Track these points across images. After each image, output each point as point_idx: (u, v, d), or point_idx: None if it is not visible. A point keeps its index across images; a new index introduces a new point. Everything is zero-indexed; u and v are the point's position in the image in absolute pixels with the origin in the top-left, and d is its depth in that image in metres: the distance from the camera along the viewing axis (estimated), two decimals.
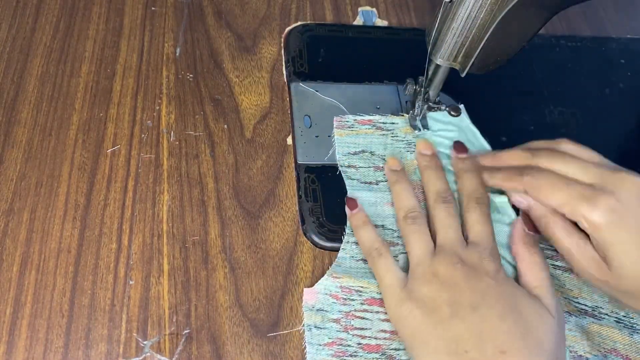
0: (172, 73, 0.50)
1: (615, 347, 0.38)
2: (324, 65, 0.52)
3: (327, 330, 0.38)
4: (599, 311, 0.40)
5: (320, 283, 0.40)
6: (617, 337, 0.38)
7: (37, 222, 0.41)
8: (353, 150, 0.46)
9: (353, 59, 0.51)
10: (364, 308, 0.39)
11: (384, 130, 0.47)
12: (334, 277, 0.40)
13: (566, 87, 0.54)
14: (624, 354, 0.38)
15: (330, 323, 0.38)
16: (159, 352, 0.37)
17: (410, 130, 0.47)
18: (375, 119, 0.48)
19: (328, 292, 0.39)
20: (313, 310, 0.39)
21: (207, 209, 0.43)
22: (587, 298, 0.40)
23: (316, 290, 0.39)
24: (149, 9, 0.54)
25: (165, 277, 0.40)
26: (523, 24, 0.38)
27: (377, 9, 0.57)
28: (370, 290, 0.39)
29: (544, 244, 0.42)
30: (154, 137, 0.46)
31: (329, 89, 0.50)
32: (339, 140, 0.46)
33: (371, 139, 0.47)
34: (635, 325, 0.39)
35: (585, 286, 0.40)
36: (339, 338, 0.38)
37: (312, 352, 0.37)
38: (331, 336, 0.38)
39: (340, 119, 0.47)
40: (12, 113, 0.46)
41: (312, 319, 0.38)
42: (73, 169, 0.44)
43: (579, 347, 0.38)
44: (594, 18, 0.61)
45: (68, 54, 0.50)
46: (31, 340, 0.37)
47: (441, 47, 0.40)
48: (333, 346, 0.37)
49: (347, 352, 0.37)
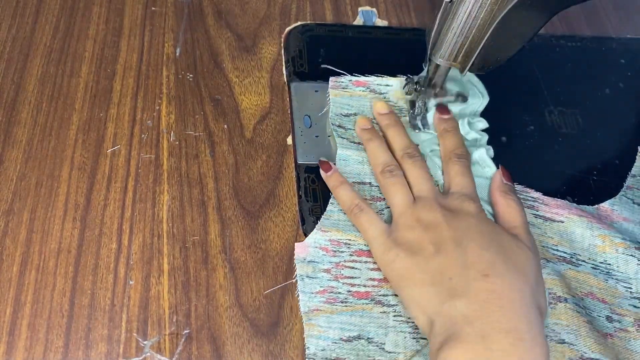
0: (172, 73, 0.50)
1: (591, 291, 0.41)
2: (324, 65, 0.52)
3: (319, 280, 0.40)
4: (577, 258, 0.42)
5: (310, 237, 0.41)
6: (593, 282, 0.41)
7: (37, 222, 0.41)
8: (345, 112, 0.48)
9: (353, 59, 0.51)
10: (352, 259, 0.41)
11: (378, 94, 0.49)
12: (322, 230, 0.41)
13: (566, 87, 0.54)
14: (600, 297, 0.41)
15: (321, 273, 0.40)
16: (159, 352, 0.37)
17: (402, 96, 0.49)
18: (370, 80, 0.49)
19: (318, 245, 0.41)
20: (305, 262, 0.40)
21: (207, 209, 0.43)
22: (566, 246, 0.43)
23: (307, 244, 0.41)
24: (149, 9, 0.54)
25: (165, 277, 0.40)
26: (523, 24, 0.38)
27: (377, 9, 0.57)
28: (358, 242, 0.41)
29: (523, 194, 0.45)
30: (154, 137, 0.46)
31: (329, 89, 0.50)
32: (333, 100, 0.48)
33: (364, 101, 0.48)
34: (611, 271, 0.41)
35: (565, 234, 0.43)
36: (330, 286, 0.40)
37: (304, 299, 0.39)
38: (322, 285, 0.40)
39: (336, 79, 0.49)
40: (12, 113, 0.46)
41: (304, 269, 0.40)
42: (73, 169, 0.44)
43: (558, 289, 0.40)
44: (594, 18, 0.61)
45: (68, 54, 0.50)
46: (31, 340, 0.37)
47: (441, 47, 0.40)
48: (324, 294, 0.39)
49: (337, 299, 0.39)
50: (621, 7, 0.62)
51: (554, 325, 0.39)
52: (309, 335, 0.38)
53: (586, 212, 0.44)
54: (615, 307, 0.40)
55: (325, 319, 0.38)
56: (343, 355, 0.37)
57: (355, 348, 0.38)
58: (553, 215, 0.44)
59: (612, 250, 0.42)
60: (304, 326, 0.38)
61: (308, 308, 0.39)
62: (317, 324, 0.38)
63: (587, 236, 0.42)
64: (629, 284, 0.41)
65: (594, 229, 0.42)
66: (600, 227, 0.42)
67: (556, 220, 0.43)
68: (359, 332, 0.38)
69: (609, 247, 0.42)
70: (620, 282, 0.41)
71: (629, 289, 0.41)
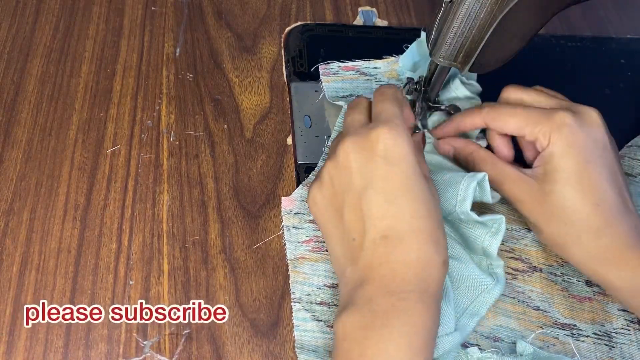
0: (172, 73, 0.50)
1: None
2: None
3: (304, 230, 0.42)
4: None
5: (297, 192, 0.43)
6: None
7: (37, 222, 0.41)
8: (341, 95, 0.49)
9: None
10: None
11: (368, 76, 0.50)
12: (308, 186, 0.43)
13: (566, 87, 0.54)
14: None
15: (307, 224, 0.42)
16: (159, 352, 0.37)
17: (395, 74, 0.50)
18: (358, 64, 0.51)
19: (303, 198, 0.43)
20: (291, 214, 0.42)
21: (207, 209, 0.43)
22: None
23: (293, 197, 0.43)
24: (149, 9, 0.54)
25: (165, 277, 0.40)
26: (523, 24, 0.38)
27: (377, 9, 0.57)
28: None
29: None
30: (154, 137, 0.46)
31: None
32: (327, 86, 0.49)
33: (357, 84, 0.50)
34: None
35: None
36: (315, 236, 0.42)
37: (291, 248, 0.41)
38: (308, 234, 0.42)
39: (325, 66, 0.50)
40: (12, 113, 0.46)
41: (290, 221, 0.42)
42: (73, 169, 0.44)
43: (534, 259, 0.42)
44: (594, 18, 0.61)
45: (68, 54, 0.50)
46: (31, 340, 0.37)
47: (441, 47, 0.39)
48: (310, 243, 0.41)
49: (322, 248, 0.41)
50: (621, 7, 0.62)
51: (530, 292, 0.41)
52: (294, 281, 0.40)
53: None
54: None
55: (310, 266, 0.40)
56: (327, 299, 0.39)
57: (336, 294, 0.39)
58: None
59: None
60: (290, 273, 0.40)
61: (294, 256, 0.41)
62: (302, 271, 0.40)
63: None
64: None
65: None
66: None
67: None
68: None
69: None
70: None
71: None
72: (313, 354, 0.37)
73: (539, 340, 0.39)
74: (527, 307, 0.40)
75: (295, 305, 0.39)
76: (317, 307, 0.39)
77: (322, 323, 0.38)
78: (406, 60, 0.50)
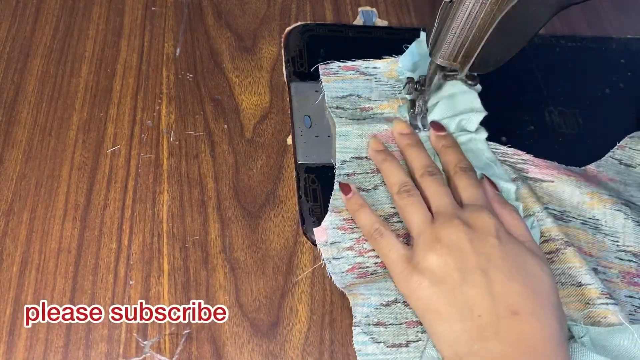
0: (172, 73, 0.50)
1: (580, 245, 0.42)
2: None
3: (345, 259, 0.41)
4: (567, 215, 0.44)
5: (326, 220, 0.42)
6: (582, 237, 0.43)
7: (37, 222, 0.41)
8: (341, 95, 0.49)
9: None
10: None
11: (368, 75, 0.50)
12: (335, 212, 0.43)
13: (566, 87, 0.54)
14: (587, 251, 0.42)
15: (346, 252, 0.41)
16: (159, 352, 0.37)
17: (395, 75, 0.50)
18: (358, 64, 0.51)
19: (335, 226, 0.42)
20: (327, 245, 0.41)
21: (207, 209, 0.43)
22: (556, 204, 0.44)
23: (324, 227, 0.42)
24: (149, 9, 0.54)
25: (165, 277, 0.40)
26: (523, 24, 0.38)
27: (377, 9, 0.57)
28: None
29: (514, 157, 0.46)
30: (154, 137, 0.46)
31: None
32: (326, 86, 0.49)
33: (357, 83, 0.50)
34: (600, 226, 0.43)
35: (555, 193, 0.45)
36: (357, 262, 0.41)
37: (338, 279, 0.40)
38: (350, 262, 0.41)
39: (325, 66, 0.50)
40: (12, 113, 0.46)
41: (329, 252, 0.41)
42: (73, 169, 0.44)
43: (563, 235, 0.42)
44: (594, 18, 0.61)
45: (68, 54, 0.50)
46: (31, 340, 0.37)
47: (441, 47, 0.39)
48: (354, 270, 0.41)
49: (367, 272, 0.41)
50: (621, 7, 0.62)
51: (569, 270, 0.40)
52: (355, 304, 0.39)
53: (575, 172, 0.46)
54: (601, 260, 0.42)
55: (364, 287, 0.39)
56: (383, 319, 0.39)
57: (393, 312, 0.39)
58: (543, 175, 0.45)
59: (601, 206, 0.43)
60: (348, 296, 0.39)
61: (344, 285, 0.40)
62: (359, 292, 0.39)
63: (576, 194, 0.44)
64: (616, 237, 0.43)
65: (582, 187, 0.44)
66: (588, 185, 0.44)
67: (546, 181, 0.45)
68: (395, 297, 0.39)
69: (598, 203, 0.44)
70: (608, 237, 0.43)
71: (615, 242, 0.43)
72: None
73: (589, 318, 0.39)
74: (569, 286, 0.40)
75: (355, 330, 0.38)
76: (374, 328, 0.38)
77: (382, 345, 0.38)
78: (406, 60, 0.50)
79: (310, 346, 0.39)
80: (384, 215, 0.43)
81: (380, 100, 0.49)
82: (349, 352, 0.39)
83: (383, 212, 0.43)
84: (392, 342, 0.38)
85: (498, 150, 0.47)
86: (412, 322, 0.38)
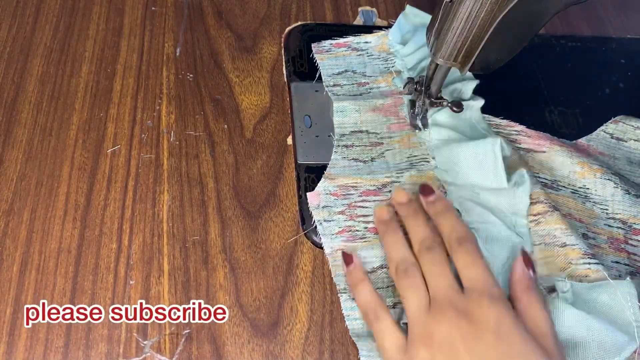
0: (172, 73, 0.50)
1: (570, 212, 0.44)
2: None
3: (336, 222, 0.43)
4: (557, 184, 0.45)
5: (320, 186, 0.44)
6: (572, 205, 0.44)
7: (37, 222, 0.41)
8: (336, 71, 0.51)
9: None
10: (362, 199, 0.44)
11: (360, 51, 0.52)
12: (330, 179, 0.44)
13: (566, 87, 0.54)
14: (577, 217, 0.44)
15: (337, 215, 0.43)
16: (159, 352, 0.37)
17: (386, 48, 0.52)
18: (349, 40, 0.53)
19: (328, 191, 0.44)
20: (319, 208, 0.43)
21: (207, 209, 0.43)
22: (547, 173, 0.46)
23: (318, 192, 0.44)
24: (149, 9, 0.54)
25: (165, 277, 0.40)
26: (523, 23, 0.38)
27: (377, 9, 0.57)
28: (364, 184, 0.44)
29: (507, 129, 0.48)
30: (154, 137, 0.46)
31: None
32: (321, 64, 0.51)
33: (350, 59, 0.51)
34: (589, 195, 0.45)
35: (546, 163, 0.46)
36: (347, 226, 0.42)
37: (327, 241, 0.42)
38: (340, 225, 0.42)
39: (318, 44, 0.52)
40: (12, 113, 0.46)
41: (320, 214, 0.43)
42: (73, 169, 0.44)
43: (550, 199, 0.42)
44: (594, 18, 0.61)
45: (68, 54, 0.50)
46: (31, 340, 0.37)
47: (441, 47, 0.39)
48: (344, 233, 0.42)
49: (357, 236, 0.42)
50: (621, 7, 0.62)
51: (554, 231, 0.41)
52: (337, 274, 0.40)
53: (566, 144, 0.47)
54: (591, 226, 0.43)
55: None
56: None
57: (379, 277, 0.41)
58: (536, 146, 0.47)
59: (591, 175, 0.45)
60: (331, 268, 0.41)
61: (331, 249, 0.41)
62: (342, 263, 0.41)
63: (567, 164, 0.46)
64: (605, 205, 0.44)
65: (573, 157, 0.46)
66: (579, 156, 0.46)
67: (538, 151, 0.47)
68: (381, 262, 0.41)
69: (588, 173, 0.45)
70: (597, 205, 0.44)
71: (605, 210, 0.44)
72: (370, 339, 0.38)
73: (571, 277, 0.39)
74: (554, 247, 0.41)
75: (342, 296, 0.40)
76: None
77: None
78: (395, 33, 0.52)
79: (310, 346, 0.39)
80: (377, 185, 0.44)
81: (374, 76, 0.51)
82: (349, 352, 0.39)
83: (377, 182, 0.44)
84: None
85: (492, 122, 0.49)
86: None
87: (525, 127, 0.48)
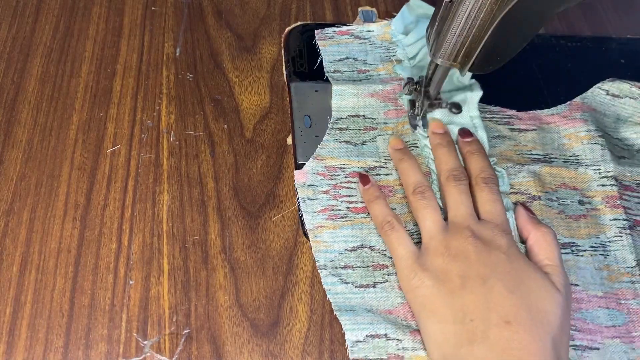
0: (172, 73, 0.50)
1: (564, 182, 0.46)
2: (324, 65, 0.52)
3: (319, 200, 0.44)
4: (550, 157, 0.48)
5: (308, 165, 0.45)
6: (565, 173, 0.46)
7: (37, 222, 0.41)
8: (338, 58, 0.52)
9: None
10: (348, 180, 0.45)
11: (362, 39, 0.53)
12: (318, 159, 0.45)
13: (566, 87, 0.54)
14: (571, 186, 0.46)
15: (321, 194, 0.44)
16: (159, 352, 0.37)
17: (388, 37, 0.53)
18: (352, 28, 0.54)
19: (315, 171, 0.45)
20: (305, 186, 0.44)
21: (207, 209, 0.43)
22: (539, 149, 0.48)
23: (305, 170, 0.45)
24: (149, 9, 0.54)
25: (165, 277, 0.40)
26: (523, 23, 0.38)
27: (377, 9, 0.57)
28: (351, 166, 0.45)
29: (500, 114, 0.49)
30: (154, 137, 0.46)
31: (329, 89, 0.50)
32: (323, 50, 0.52)
33: (352, 47, 0.53)
34: (581, 161, 0.47)
35: (538, 140, 0.48)
36: (330, 205, 0.44)
37: (308, 218, 0.43)
38: (323, 204, 0.44)
39: (321, 31, 0.53)
40: (12, 113, 0.46)
41: (305, 192, 0.44)
42: (73, 169, 0.44)
43: (532, 189, 0.45)
44: (594, 18, 0.61)
45: (68, 54, 0.50)
46: (31, 340, 0.37)
47: (441, 47, 0.39)
48: (326, 212, 0.43)
49: (338, 215, 0.43)
50: (621, 7, 0.62)
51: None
52: (317, 250, 0.41)
53: (555, 115, 0.50)
54: (585, 191, 0.46)
55: (329, 234, 0.42)
56: (350, 262, 0.41)
57: (360, 256, 0.42)
58: (527, 126, 0.49)
59: (579, 144, 0.48)
60: (311, 243, 0.42)
61: (312, 225, 0.42)
62: (322, 239, 0.42)
63: (555, 138, 0.49)
64: (597, 166, 0.46)
65: (561, 131, 0.49)
66: (566, 128, 0.49)
67: (530, 130, 0.49)
68: (362, 242, 0.42)
69: (575, 143, 0.48)
70: (590, 167, 0.46)
71: (597, 171, 0.46)
72: (351, 313, 0.39)
73: None
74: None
75: (322, 272, 0.41)
76: (342, 270, 0.41)
77: (350, 285, 0.40)
78: (398, 23, 0.53)
79: (310, 346, 0.39)
80: (365, 168, 0.45)
81: (375, 64, 0.51)
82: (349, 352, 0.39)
83: (365, 164, 0.45)
84: (360, 282, 0.40)
85: (485, 109, 0.50)
86: (379, 265, 0.41)
87: (516, 111, 0.50)
